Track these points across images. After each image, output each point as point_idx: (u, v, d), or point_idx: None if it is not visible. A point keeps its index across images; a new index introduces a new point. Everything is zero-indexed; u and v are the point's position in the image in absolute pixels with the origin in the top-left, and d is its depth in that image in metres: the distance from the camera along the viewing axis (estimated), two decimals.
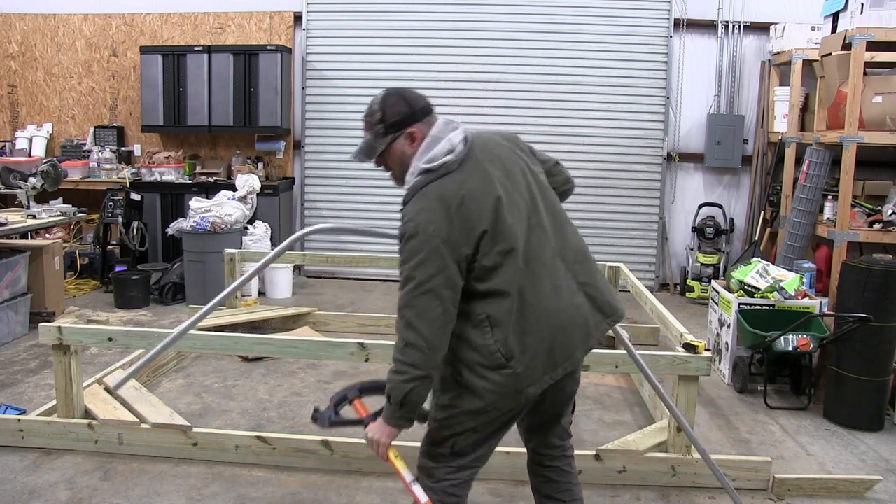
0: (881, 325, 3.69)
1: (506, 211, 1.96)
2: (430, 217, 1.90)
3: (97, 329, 3.39)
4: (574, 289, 2.06)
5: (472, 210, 1.92)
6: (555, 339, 1.99)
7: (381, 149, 2.08)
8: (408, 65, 7.07)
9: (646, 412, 3.97)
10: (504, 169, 2.04)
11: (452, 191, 1.93)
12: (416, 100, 2.09)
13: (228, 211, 6.04)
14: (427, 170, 1.98)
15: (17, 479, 3.05)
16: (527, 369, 1.96)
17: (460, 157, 1.99)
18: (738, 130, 6.80)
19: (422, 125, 2.05)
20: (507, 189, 2.00)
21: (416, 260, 1.89)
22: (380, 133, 2.07)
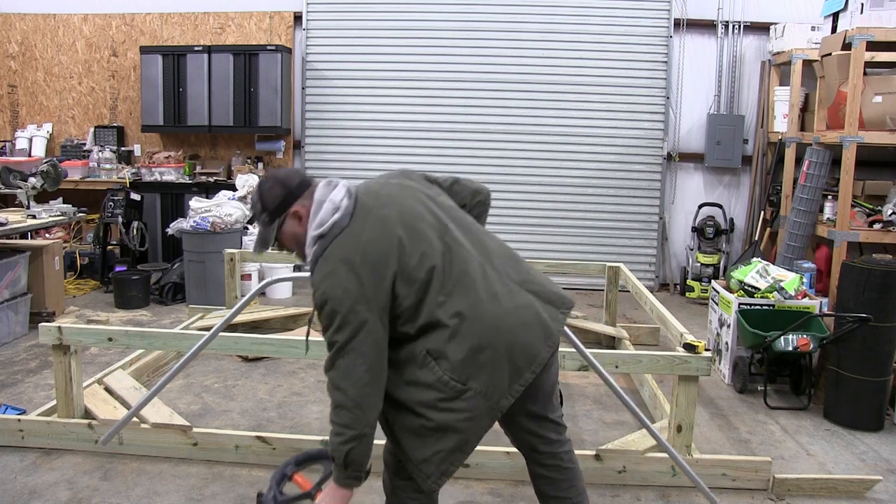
0: (881, 325, 3.69)
1: (411, 246, 1.95)
2: (335, 280, 1.90)
3: (97, 329, 3.39)
4: (515, 289, 2.03)
5: (375, 259, 1.92)
6: (512, 346, 1.96)
7: (273, 236, 2.10)
8: (408, 65, 7.07)
9: (646, 412, 3.97)
10: (398, 206, 2.03)
11: (350, 247, 1.94)
12: (289, 178, 2.09)
13: (228, 211, 6.04)
14: (320, 235, 1.98)
15: (17, 479, 3.05)
16: (489, 385, 1.93)
17: (348, 212, 1.99)
18: (738, 130, 6.80)
19: (303, 201, 2.05)
20: (407, 224, 1.98)
21: (334, 325, 1.90)
22: (266, 222, 2.08)
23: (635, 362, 3.19)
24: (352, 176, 7.20)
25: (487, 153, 7.07)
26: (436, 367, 1.93)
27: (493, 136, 7.07)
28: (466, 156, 7.09)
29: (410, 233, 1.97)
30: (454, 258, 1.99)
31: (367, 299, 1.89)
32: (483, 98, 7.03)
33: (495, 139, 7.06)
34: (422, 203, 2.08)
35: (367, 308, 1.89)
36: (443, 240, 2.00)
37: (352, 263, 1.91)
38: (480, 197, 2.37)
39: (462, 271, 1.98)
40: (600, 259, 6.30)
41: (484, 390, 1.93)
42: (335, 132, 7.25)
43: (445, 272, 1.96)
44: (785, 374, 4.30)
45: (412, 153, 7.15)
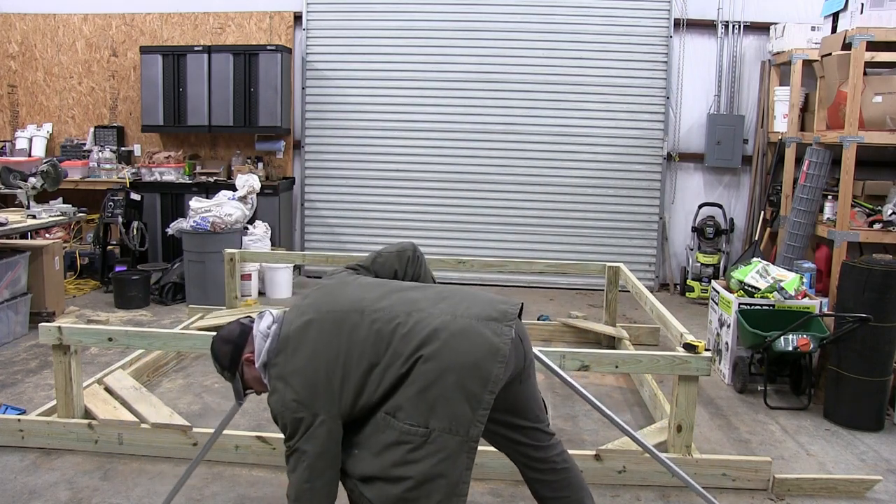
0: (881, 325, 3.69)
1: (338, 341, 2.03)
2: (277, 397, 2.03)
3: (97, 329, 3.39)
4: (447, 322, 2.01)
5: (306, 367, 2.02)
6: (457, 374, 1.93)
7: (241, 387, 2.29)
8: (408, 65, 7.07)
9: (646, 412, 3.97)
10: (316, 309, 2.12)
11: (283, 365, 2.06)
12: (231, 333, 2.26)
13: (228, 211, 6.04)
14: (263, 365, 2.14)
15: (17, 479, 3.05)
16: (451, 419, 1.91)
17: (276, 335, 2.12)
18: (738, 130, 6.80)
19: (248, 346, 2.22)
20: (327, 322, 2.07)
21: (286, 435, 2.04)
22: (230, 377, 2.28)
23: (635, 362, 3.19)
24: (352, 176, 7.23)
25: (487, 153, 7.07)
26: (394, 422, 1.95)
27: (493, 136, 7.06)
28: (466, 156, 7.09)
29: (335, 329, 2.05)
30: (382, 330, 2.02)
31: (306, 405, 1.99)
32: (483, 98, 7.02)
33: (495, 139, 7.06)
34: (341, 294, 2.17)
35: (308, 412, 1.99)
36: (366, 319, 2.05)
37: (286, 379, 2.03)
38: (407, 254, 2.45)
39: (392, 336, 2.01)
40: (600, 259, 6.29)
41: (447, 426, 1.91)
42: (335, 132, 7.25)
43: (379, 350, 2.00)
44: (785, 374, 4.30)
45: (412, 153, 7.15)
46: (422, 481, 1.91)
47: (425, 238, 7.01)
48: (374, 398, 1.98)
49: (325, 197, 7.35)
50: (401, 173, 7.19)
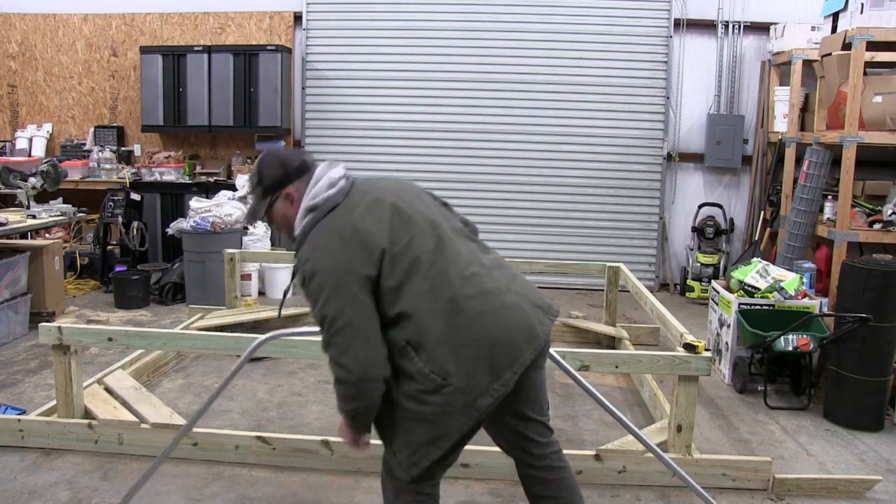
0: (881, 325, 3.69)
1: (403, 228, 1.96)
2: (325, 252, 1.92)
3: (97, 329, 3.39)
4: (503, 289, 2.02)
5: (366, 234, 1.93)
6: (494, 345, 1.93)
7: (262, 211, 2.14)
8: (408, 65, 7.07)
9: (646, 412, 3.97)
10: (395, 194, 2.06)
11: (342, 222, 1.96)
12: (290, 160, 2.13)
13: (228, 211, 6.04)
14: (312, 207, 2.02)
15: (17, 479, 3.05)
16: (469, 382, 1.91)
17: (344, 190, 2.04)
18: (738, 130, 6.80)
19: (299, 184, 2.09)
20: (401, 209, 2.00)
21: (322, 297, 1.90)
22: (259, 196, 2.13)
23: (635, 362, 3.20)
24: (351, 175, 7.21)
25: (487, 153, 7.06)
26: (416, 358, 1.91)
27: (493, 136, 7.06)
28: (466, 156, 7.09)
29: (403, 217, 1.99)
30: (443, 251, 1.99)
31: (356, 274, 1.89)
32: (483, 98, 7.02)
33: (495, 139, 7.06)
34: (419, 198, 2.11)
35: (356, 281, 1.89)
36: (434, 233, 2.01)
37: (342, 237, 1.92)
38: (470, 226, 2.34)
39: (448, 265, 1.97)
40: (600, 259, 6.29)
41: (463, 386, 1.91)
42: (335, 132, 7.25)
43: (431, 262, 1.95)
44: (785, 374, 4.30)
45: (412, 153, 7.15)
46: (416, 419, 1.94)
47: None
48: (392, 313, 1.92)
49: None
50: (401, 173, 7.18)
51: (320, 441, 3.21)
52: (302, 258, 1.97)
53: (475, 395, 1.92)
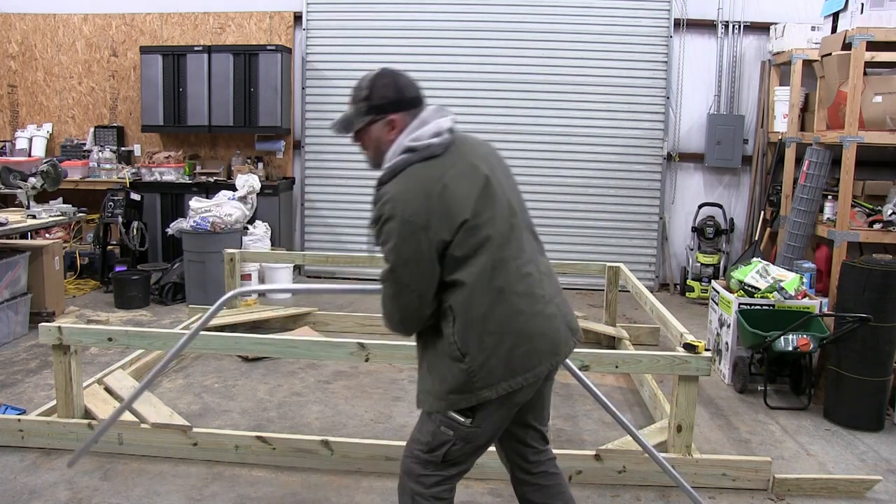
0: (881, 325, 3.69)
1: (487, 204, 1.94)
2: (409, 202, 1.87)
3: (97, 329, 3.39)
4: (547, 299, 2.03)
5: (453, 198, 1.89)
6: (517, 345, 1.94)
7: (359, 126, 2.05)
8: (408, 65, 6.98)
9: (646, 412, 3.97)
10: (490, 166, 2.03)
11: (435, 176, 1.91)
12: (406, 88, 2.05)
13: (228, 211, 6.04)
14: (411, 148, 1.95)
15: (17, 479, 3.05)
16: (481, 369, 1.92)
17: (446, 143, 1.97)
18: (738, 130, 6.80)
19: (405, 115, 2.01)
20: (490, 185, 1.98)
21: (391, 243, 1.88)
22: (361, 111, 2.03)
23: (635, 362, 3.20)
24: (352, 176, 7.23)
25: None
26: (451, 324, 1.94)
27: (493, 137, 7.03)
28: None
29: (490, 192, 1.97)
30: (511, 240, 1.99)
31: (432, 232, 1.87)
32: (484, 98, 7.02)
33: (495, 139, 7.01)
34: (507, 178, 2.10)
35: (428, 240, 1.87)
36: (510, 219, 2.01)
37: (430, 192, 1.88)
38: None
39: (514, 256, 1.98)
40: (600, 259, 6.29)
41: (475, 370, 1.92)
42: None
43: (499, 246, 1.95)
44: (785, 374, 4.30)
45: None
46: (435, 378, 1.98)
47: None
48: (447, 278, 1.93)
49: (325, 197, 7.35)
50: None
51: (320, 441, 3.21)
52: (384, 195, 1.91)
53: (482, 383, 1.93)
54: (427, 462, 2.06)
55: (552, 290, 2.07)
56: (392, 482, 3.07)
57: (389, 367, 4.52)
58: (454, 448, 2.02)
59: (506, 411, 2.02)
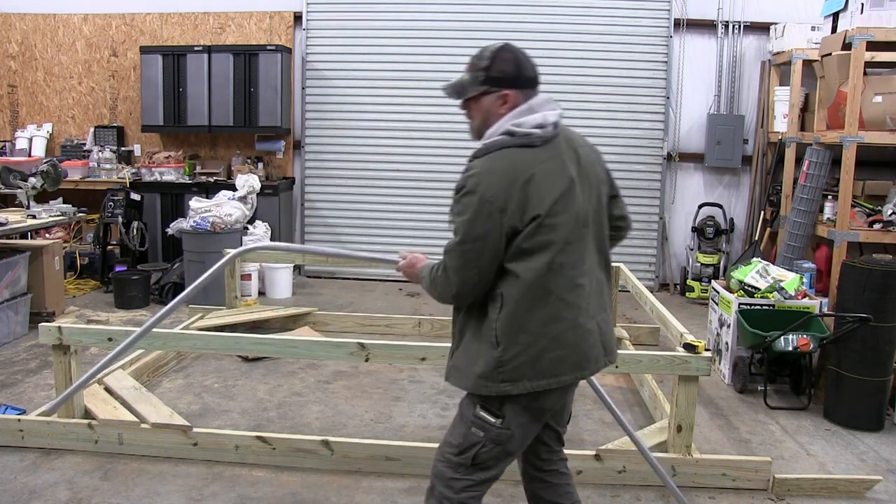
0: (881, 325, 3.69)
1: (564, 207, 1.95)
2: (493, 182, 1.89)
3: (97, 329, 3.39)
4: (591, 314, 2.03)
5: (535, 190, 1.91)
6: (548, 349, 1.95)
7: (471, 95, 2.05)
8: (408, 65, 7.07)
9: (646, 412, 3.97)
10: (581, 172, 2.02)
11: (525, 164, 1.92)
12: (526, 66, 2.05)
13: (228, 211, 6.04)
14: (511, 132, 1.96)
15: (17, 479, 3.05)
16: (509, 362, 1.94)
17: (546, 137, 1.98)
18: (738, 130, 6.80)
19: (520, 93, 2.02)
20: (574, 188, 1.98)
21: (466, 216, 1.91)
22: (478, 80, 2.03)
23: (635, 362, 3.20)
24: (352, 176, 7.23)
25: None
26: (496, 310, 1.95)
27: None
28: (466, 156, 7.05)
29: (571, 197, 1.96)
30: (575, 250, 1.98)
31: (506, 217, 1.89)
32: None
33: None
34: (595, 187, 2.07)
35: (501, 223, 1.89)
36: (580, 229, 2.00)
37: (516, 178, 1.90)
38: (623, 223, 2.29)
39: (572, 264, 1.98)
40: None
41: (505, 361, 1.94)
42: (335, 132, 7.25)
43: (561, 251, 1.95)
44: (785, 374, 4.30)
45: (412, 153, 7.15)
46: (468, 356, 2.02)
47: (425, 238, 7.01)
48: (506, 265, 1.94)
49: (325, 197, 7.35)
50: (401, 173, 7.19)
51: (320, 441, 3.21)
52: (472, 169, 1.95)
53: (506, 376, 1.95)
54: (458, 465, 2.06)
55: (598, 307, 2.07)
56: (392, 482, 3.08)
57: (389, 367, 4.52)
58: (483, 450, 2.02)
59: (533, 416, 2.03)
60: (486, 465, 2.05)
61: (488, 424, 2.00)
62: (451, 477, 2.06)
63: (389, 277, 7.18)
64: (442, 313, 5.88)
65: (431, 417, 3.83)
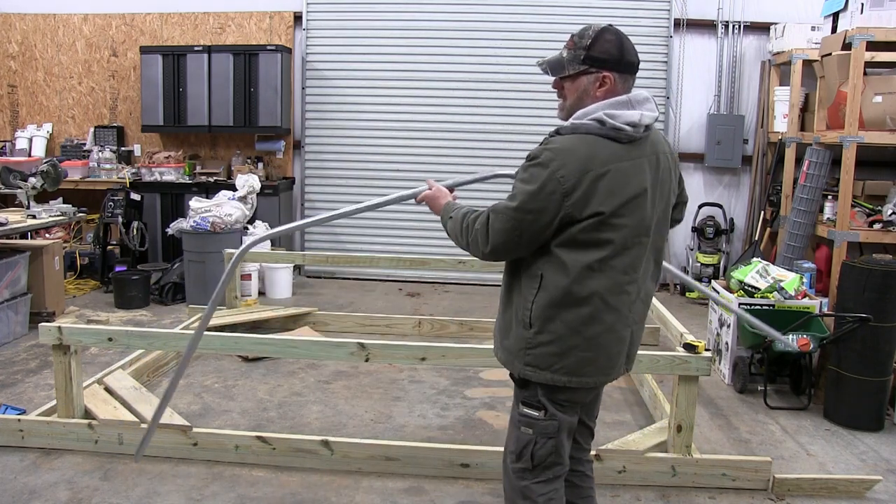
0: (881, 325, 3.69)
1: (631, 211, 1.90)
2: (569, 163, 1.83)
3: (97, 329, 3.40)
4: (628, 323, 2.00)
5: (605, 188, 1.85)
6: (578, 348, 1.93)
7: (570, 73, 1.98)
8: (408, 65, 7.07)
9: (646, 412, 3.97)
10: (655, 176, 1.97)
11: (604, 159, 1.85)
12: (628, 52, 1.97)
13: (228, 211, 6.04)
14: (603, 121, 1.88)
15: (17, 479, 3.05)
16: (536, 348, 1.94)
17: (633, 137, 1.91)
18: (738, 130, 6.80)
19: (618, 77, 1.95)
20: (645, 196, 1.93)
21: (530, 187, 1.86)
22: (578, 58, 1.96)
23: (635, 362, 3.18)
24: (352, 176, 7.23)
25: (487, 153, 7.06)
26: (534, 291, 1.94)
27: (493, 136, 7.06)
28: (466, 156, 7.09)
29: (638, 205, 1.91)
30: (628, 256, 1.94)
31: (566, 203, 1.84)
32: (483, 98, 7.02)
33: (495, 139, 7.06)
34: (664, 196, 2.03)
35: (558, 207, 1.84)
36: (638, 239, 1.95)
37: (590, 169, 1.84)
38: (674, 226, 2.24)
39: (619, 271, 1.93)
40: None
41: (533, 345, 1.95)
42: (335, 132, 7.25)
43: (615, 255, 1.91)
44: (785, 374, 4.30)
45: (412, 153, 7.16)
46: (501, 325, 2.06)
47: (425, 238, 7.01)
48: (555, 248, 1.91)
49: (325, 197, 7.35)
50: (401, 173, 7.19)
51: (320, 441, 3.21)
52: (552, 143, 1.90)
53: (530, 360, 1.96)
54: (522, 471, 2.06)
55: (637, 317, 2.05)
56: (392, 482, 3.08)
57: (389, 367, 4.52)
58: (538, 447, 2.02)
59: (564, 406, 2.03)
60: (547, 461, 2.04)
61: (533, 419, 2.01)
62: (523, 485, 2.06)
63: (389, 277, 7.18)
64: (442, 313, 5.89)
65: (431, 417, 3.83)
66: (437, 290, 6.95)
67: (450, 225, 2.10)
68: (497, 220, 1.92)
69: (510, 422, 2.11)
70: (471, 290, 6.93)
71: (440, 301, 6.50)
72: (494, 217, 1.93)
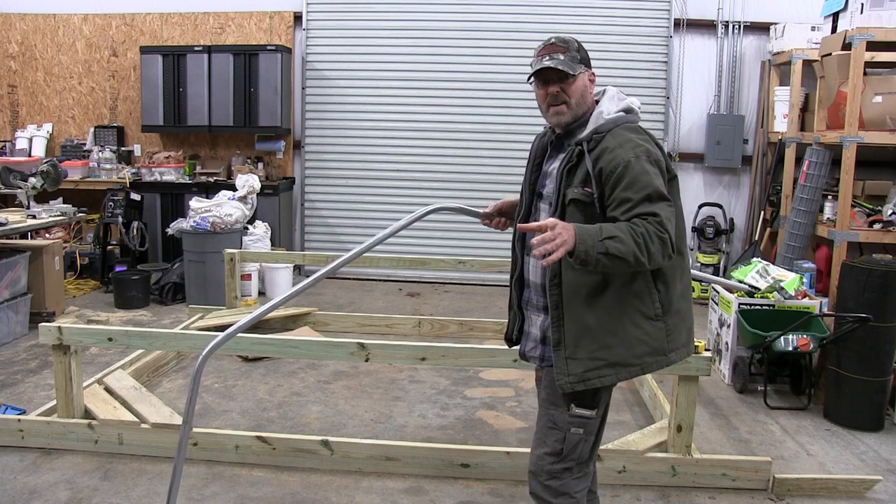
0: (881, 325, 3.69)
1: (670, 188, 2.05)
2: (651, 148, 1.99)
3: (97, 329, 3.39)
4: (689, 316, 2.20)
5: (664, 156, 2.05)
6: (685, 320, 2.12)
7: (576, 73, 2.10)
8: (408, 65, 7.07)
9: (646, 412, 3.97)
10: None
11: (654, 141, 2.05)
12: None
13: (228, 211, 6.04)
14: (630, 109, 2.08)
15: (17, 479, 3.05)
16: (674, 330, 2.05)
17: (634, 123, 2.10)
18: (738, 130, 6.80)
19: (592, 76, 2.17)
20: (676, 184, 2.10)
21: (652, 178, 1.94)
22: (576, 59, 2.11)
23: None
24: (352, 176, 7.23)
25: (487, 153, 7.06)
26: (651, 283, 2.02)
27: (493, 136, 7.06)
28: (466, 156, 7.09)
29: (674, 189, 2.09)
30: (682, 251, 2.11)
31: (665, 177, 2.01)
32: (483, 98, 7.02)
33: (495, 139, 7.06)
34: None
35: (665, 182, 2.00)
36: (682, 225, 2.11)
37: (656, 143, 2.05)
38: None
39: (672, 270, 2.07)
40: None
41: (671, 329, 2.07)
42: (335, 132, 7.25)
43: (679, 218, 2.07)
44: (785, 374, 4.31)
45: (412, 153, 7.15)
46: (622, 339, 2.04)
47: (425, 238, 7.01)
48: None
49: (325, 197, 7.35)
50: (401, 173, 7.19)
51: (320, 441, 3.21)
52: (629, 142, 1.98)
53: (673, 345, 2.06)
54: (563, 470, 2.08)
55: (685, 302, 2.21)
56: (392, 482, 3.08)
57: (389, 367, 4.52)
58: (584, 445, 2.09)
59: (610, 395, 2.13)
60: (588, 456, 2.12)
61: (586, 419, 2.06)
62: (560, 484, 2.08)
63: (389, 277, 7.19)
64: (442, 313, 5.89)
65: (431, 417, 3.83)
66: (437, 290, 6.95)
67: (613, 246, 1.81)
68: (666, 211, 1.91)
69: (545, 426, 2.11)
70: (471, 290, 6.94)
71: (440, 301, 6.50)
72: (663, 216, 1.90)
